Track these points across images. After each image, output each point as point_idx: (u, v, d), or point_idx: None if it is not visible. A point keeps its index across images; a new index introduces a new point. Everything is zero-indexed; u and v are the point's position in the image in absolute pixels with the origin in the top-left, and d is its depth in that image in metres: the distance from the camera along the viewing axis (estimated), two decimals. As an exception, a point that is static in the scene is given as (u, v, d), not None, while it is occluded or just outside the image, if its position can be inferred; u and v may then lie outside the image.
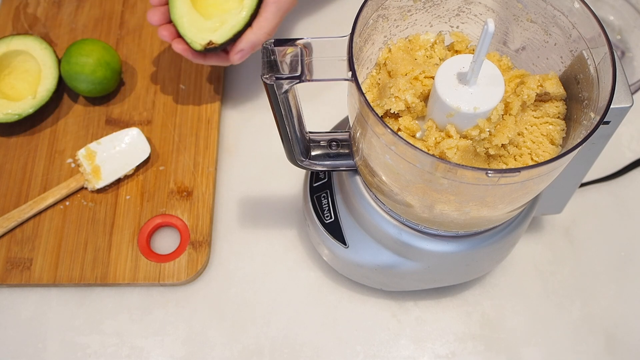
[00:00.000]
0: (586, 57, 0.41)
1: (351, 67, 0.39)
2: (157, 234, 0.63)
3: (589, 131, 0.37)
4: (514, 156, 0.42)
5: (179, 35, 0.61)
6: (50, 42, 0.74)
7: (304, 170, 0.59)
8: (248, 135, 0.70)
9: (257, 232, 0.64)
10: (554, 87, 0.42)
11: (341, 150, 0.50)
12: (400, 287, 0.58)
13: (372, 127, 0.40)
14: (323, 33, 0.74)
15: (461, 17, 0.47)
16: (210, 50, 0.61)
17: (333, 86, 0.71)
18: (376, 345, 0.59)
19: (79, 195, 0.65)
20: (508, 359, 0.58)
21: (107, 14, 0.75)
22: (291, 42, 0.40)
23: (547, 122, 0.43)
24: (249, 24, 0.61)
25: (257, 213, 0.65)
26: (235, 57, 0.62)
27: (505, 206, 0.43)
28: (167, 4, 0.62)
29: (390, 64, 0.45)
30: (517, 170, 0.36)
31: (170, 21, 0.62)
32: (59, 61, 0.68)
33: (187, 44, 0.61)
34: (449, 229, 0.48)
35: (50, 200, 0.63)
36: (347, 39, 0.40)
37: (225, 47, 0.61)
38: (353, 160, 0.50)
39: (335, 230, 0.54)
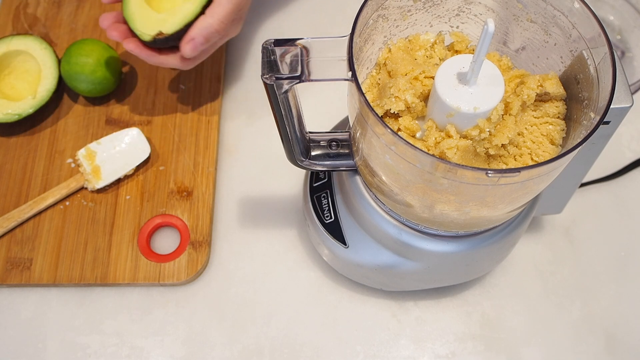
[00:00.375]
0: (586, 57, 0.41)
1: (351, 67, 0.39)
2: (157, 234, 0.63)
3: (589, 131, 0.37)
4: (514, 156, 0.42)
5: (131, 36, 0.59)
6: (50, 42, 0.74)
7: (304, 170, 0.59)
8: (248, 135, 0.70)
9: (257, 232, 0.64)
10: (554, 87, 0.42)
11: (341, 150, 0.50)
12: (400, 287, 0.58)
13: (372, 127, 0.40)
14: (323, 33, 0.74)
15: (461, 17, 0.47)
16: (160, 42, 0.58)
17: (333, 86, 0.71)
18: (376, 345, 0.59)
19: (79, 195, 0.65)
20: (508, 359, 0.58)
21: (107, 14, 0.75)
22: (291, 42, 0.40)
23: (547, 122, 0.43)
24: (201, 15, 0.58)
25: (257, 213, 0.65)
26: (187, 47, 0.57)
27: (505, 206, 0.43)
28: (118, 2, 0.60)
29: (390, 64, 0.45)
30: (517, 170, 0.36)
31: (121, 22, 0.60)
32: (59, 61, 0.68)
33: (138, 40, 0.59)
34: (449, 229, 0.48)
35: (50, 200, 0.63)
36: (347, 39, 0.40)
37: (178, 43, 0.59)
38: (353, 160, 0.50)
39: (335, 230, 0.54)
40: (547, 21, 0.43)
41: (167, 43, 0.59)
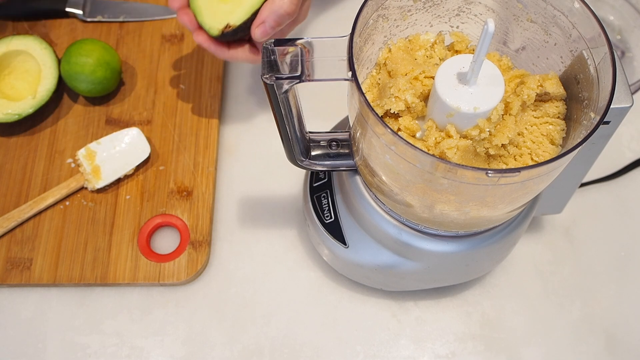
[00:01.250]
0: (586, 57, 0.41)
1: (351, 67, 0.39)
2: (157, 234, 0.63)
3: (589, 131, 0.37)
4: (514, 156, 0.42)
5: (200, 26, 0.58)
6: (50, 42, 0.74)
7: (304, 170, 0.59)
8: (248, 135, 0.70)
9: (257, 232, 0.64)
10: (554, 87, 0.42)
11: (341, 150, 0.50)
12: (400, 287, 0.58)
13: (372, 127, 0.40)
14: (323, 33, 0.74)
15: (461, 17, 0.47)
16: (228, 35, 0.56)
17: (333, 86, 0.71)
18: (376, 345, 0.59)
19: (79, 195, 0.65)
20: (508, 359, 0.58)
21: (107, 14, 0.75)
22: (291, 42, 0.40)
23: (547, 122, 0.43)
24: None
25: (257, 213, 0.65)
26: (257, 31, 0.55)
27: (505, 206, 0.43)
28: None
29: (390, 64, 0.45)
30: (517, 170, 0.36)
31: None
32: (59, 61, 0.68)
33: (206, 33, 0.57)
34: (449, 229, 0.48)
35: (50, 200, 0.63)
36: (347, 39, 0.40)
37: (247, 34, 0.57)
38: (353, 160, 0.50)
39: (335, 230, 0.54)
40: (547, 21, 0.43)
41: (236, 35, 0.57)
